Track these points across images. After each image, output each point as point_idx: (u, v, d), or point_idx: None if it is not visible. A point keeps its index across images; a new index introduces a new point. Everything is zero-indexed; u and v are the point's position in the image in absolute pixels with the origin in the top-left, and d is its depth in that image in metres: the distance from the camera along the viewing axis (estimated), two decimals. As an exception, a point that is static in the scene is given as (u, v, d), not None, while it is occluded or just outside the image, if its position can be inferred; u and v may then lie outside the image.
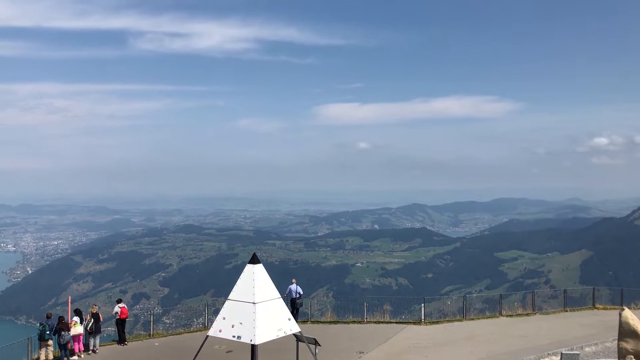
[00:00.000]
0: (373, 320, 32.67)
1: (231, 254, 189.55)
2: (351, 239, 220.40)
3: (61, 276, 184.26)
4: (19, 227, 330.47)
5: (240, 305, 18.29)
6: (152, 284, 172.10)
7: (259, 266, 19.06)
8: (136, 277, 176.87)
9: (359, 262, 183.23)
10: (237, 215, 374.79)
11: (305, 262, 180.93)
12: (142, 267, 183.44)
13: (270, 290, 18.85)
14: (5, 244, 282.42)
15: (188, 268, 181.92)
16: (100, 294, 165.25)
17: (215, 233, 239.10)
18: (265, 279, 18.90)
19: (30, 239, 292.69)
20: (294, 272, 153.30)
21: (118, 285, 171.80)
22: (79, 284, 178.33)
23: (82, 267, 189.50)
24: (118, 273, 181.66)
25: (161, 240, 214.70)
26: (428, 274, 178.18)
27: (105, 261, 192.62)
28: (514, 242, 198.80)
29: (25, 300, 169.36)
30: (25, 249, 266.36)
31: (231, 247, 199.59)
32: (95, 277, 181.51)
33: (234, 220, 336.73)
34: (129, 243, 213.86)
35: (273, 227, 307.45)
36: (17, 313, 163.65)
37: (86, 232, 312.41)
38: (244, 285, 18.67)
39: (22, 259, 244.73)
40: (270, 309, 18.37)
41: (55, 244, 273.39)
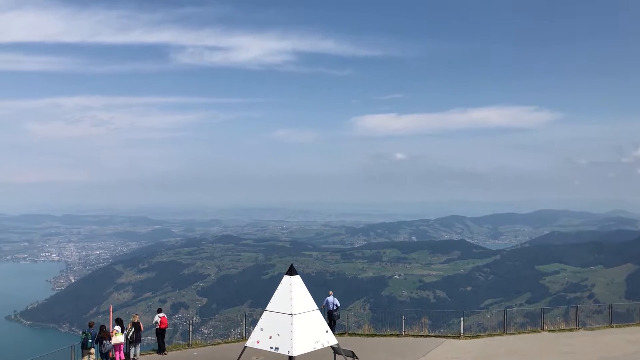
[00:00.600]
0: (411, 334, 32.25)
1: (268, 264, 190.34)
2: (388, 250, 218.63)
3: (103, 285, 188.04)
4: (63, 237, 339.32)
5: (278, 317, 18.32)
6: (190, 293, 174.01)
7: (297, 277, 19.09)
8: (175, 286, 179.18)
9: (396, 275, 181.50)
10: (274, 226, 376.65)
11: (342, 274, 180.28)
12: (181, 277, 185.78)
13: (308, 302, 18.84)
14: (49, 253, 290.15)
15: (226, 278, 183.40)
16: (141, 304, 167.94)
17: (253, 244, 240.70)
18: (303, 290, 18.91)
19: (74, 248, 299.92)
20: (330, 283, 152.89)
21: (158, 294, 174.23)
22: (120, 293, 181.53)
23: (123, 276, 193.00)
24: (158, 283, 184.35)
25: (200, 251, 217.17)
26: (467, 287, 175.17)
27: (145, 271, 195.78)
28: (555, 255, 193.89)
29: (68, 309, 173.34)
30: (68, 258, 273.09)
31: (268, 257, 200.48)
32: (136, 287, 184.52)
33: (270, 231, 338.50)
34: (169, 253, 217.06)
35: (309, 238, 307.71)
36: (60, 321, 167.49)
37: (127, 242, 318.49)
38: (281, 297, 18.72)
39: (66, 268, 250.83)
40: (308, 320, 18.34)
41: (98, 254, 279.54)
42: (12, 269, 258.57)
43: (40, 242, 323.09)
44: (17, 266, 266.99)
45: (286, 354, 17.88)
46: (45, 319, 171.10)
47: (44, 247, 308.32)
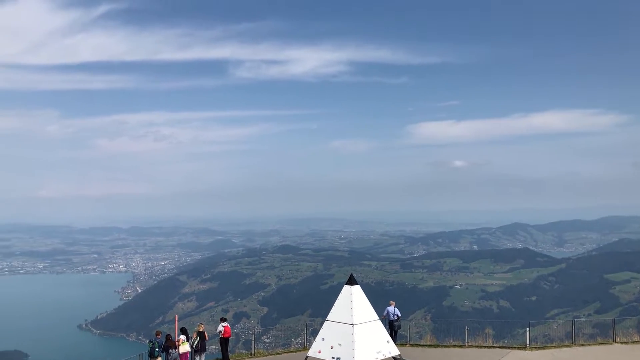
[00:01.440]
0: (475, 345, 31.58)
1: (327, 274, 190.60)
2: (449, 260, 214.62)
3: (168, 295, 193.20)
4: (129, 249, 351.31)
5: (339, 327, 18.38)
6: (252, 303, 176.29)
7: (357, 287, 19.12)
8: (237, 296, 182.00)
9: (457, 284, 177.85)
10: (332, 236, 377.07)
11: (402, 284, 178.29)
12: (242, 287, 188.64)
13: (369, 312, 18.82)
14: (117, 265, 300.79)
15: (286, 288, 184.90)
16: (204, 313, 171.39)
17: (311, 253, 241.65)
18: (363, 300, 18.91)
19: (140, 259, 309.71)
20: (390, 293, 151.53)
21: (220, 304, 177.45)
22: (184, 302, 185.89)
23: (186, 286, 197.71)
24: (220, 292, 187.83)
25: (260, 261, 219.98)
26: (532, 297, 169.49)
27: (208, 281, 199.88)
28: (625, 263, 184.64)
29: (135, 318, 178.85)
30: (135, 269, 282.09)
31: (327, 267, 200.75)
32: (199, 296, 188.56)
33: (329, 241, 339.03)
34: (230, 263, 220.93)
35: (368, 247, 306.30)
36: (128, 330, 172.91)
37: (191, 253, 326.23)
38: (342, 307, 18.77)
39: (133, 278, 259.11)
40: (369, 330, 18.31)
41: (162, 265, 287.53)
42: (83, 279, 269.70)
43: (108, 253, 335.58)
44: (87, 277, 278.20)
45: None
46: (114, 328, 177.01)
47: (112, 258, 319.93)
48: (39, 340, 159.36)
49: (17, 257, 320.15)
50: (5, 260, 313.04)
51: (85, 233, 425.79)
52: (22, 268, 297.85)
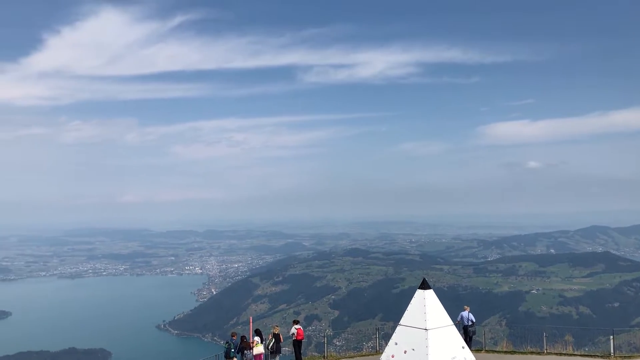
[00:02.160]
0: (554, 352, 30.49)
1: (398, 278, 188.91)
2: (524, 264, 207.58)
3: (241, 297, 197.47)
4: (205, 251, 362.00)
5: (412, 331, 18.28)
6: (323, 306, 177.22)
7: (430, 292, 18.95)
8: (308, 299, 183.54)
9: (534, 289, 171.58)
10: (403, 239, 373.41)
11: (475, 288, 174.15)
12: (313, 290, 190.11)
13: (443, 317, 18.61)
14: (193, 267, 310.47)
15: (356, 291, 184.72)
16: (276, 315, 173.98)
17: (382, 257, 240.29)
18: (437, 305, 18.73)
19: (215, 262, 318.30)
20: (463, 298, 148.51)
21: (292, 306, 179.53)
22: (257, 304, 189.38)
23: (259, 288, 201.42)
24: (292, 295, 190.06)
25: (330, 264, 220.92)
26: (614, 303, 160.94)
27: (280, 283, 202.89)
28: None
29: (210, 319, 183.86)
30: (210, 272, 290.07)
31: (398, 271, 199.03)
32: (271, 298, 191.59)
33: (399, 244, 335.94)
34: (301, 266, 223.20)
35: (439, 251, 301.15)
36: (204, 330, 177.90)
37: (263, 256, 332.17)
38: (415, 311, 18.66)
39: (208, 280, 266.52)
40: (443, 336, 18.11)
41: (236, 267, 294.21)
42: (161, 281, 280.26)
43: (184, 256, 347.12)
44: (165, 279, 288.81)
45: (422, 369, 17.77)
46: (190, 328, 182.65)
47: (188, 261, 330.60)
48: (121, 340, 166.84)
49: (100, 260, 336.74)
50: (90, 262, 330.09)
51: (163, 236, 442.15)
52: (105, 270, 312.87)
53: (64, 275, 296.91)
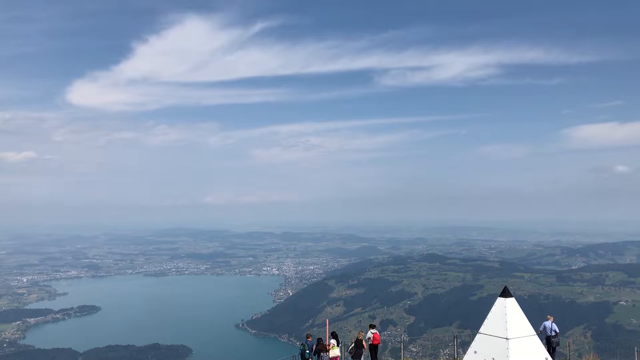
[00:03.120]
0: (645, 368, 28.80)
1: (476, 285, 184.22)
2: (612, 273, 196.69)
3: (317, 299, 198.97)
4: (281, 253, 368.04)
5: (492, 340, 17.87)
6: (398, 311, 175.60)
7: (511, 300, 18.48)
8: (383, 303, 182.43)
9: (622, 300, 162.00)
10: (481, 245, 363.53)
11: (558, 298, 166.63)
12: (388, 294, 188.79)
13: (525, 326, 18.09)
14: (270, 268, 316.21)
15: (433, 297, 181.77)
16: (351, 318, 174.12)
17: (459, 263, 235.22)
18: (519, 313, 18.23)
19: (291, 263, 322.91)
20: (544, 307, 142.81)
21: (367, 310, 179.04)
22: (332, 307, 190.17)
23: (334, 291, 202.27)
24: (367, 299, 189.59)
25: (406, 269, 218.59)
26: None
27: (354, 286, 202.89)
28: None
29: (286, 320, 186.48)
30: (286, 273, 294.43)
31: (476, 278, 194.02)
32: (347, 302, 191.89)
33: (477, 251, 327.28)
34: (376, 270, 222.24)
35: (520, 258, 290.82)
36: (280, 331, 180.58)
37: (338, 259, 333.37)
38: (495, 319, 18.23)
39: (284, 281, 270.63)
40: (525, 346, 17.59)
41: (312, 269, 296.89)
42: (240, 281, 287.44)
43: (262, 257, 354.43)
44: (243, 279, 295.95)
45: (502, 379, 17.33)
46: (267, 328, 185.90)
47: (266, 262, 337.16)
48: (201, 337, 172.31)
49: (183, 259, 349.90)
50: (173, 261, 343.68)
51: (242, 237, 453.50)
52: (187, 269, 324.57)
53: (149, 273, 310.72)
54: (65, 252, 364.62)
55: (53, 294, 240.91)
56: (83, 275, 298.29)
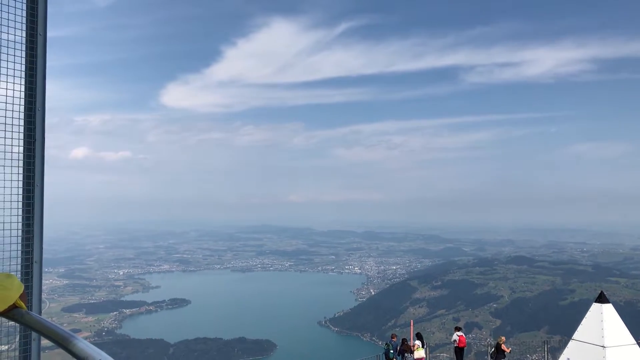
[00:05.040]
0: None
1: (566, 289, 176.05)
2: None
3: (399, 299, 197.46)
4: (363, 252, 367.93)
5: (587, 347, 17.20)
6: (483, 314, 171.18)
7: (608, 306, 17.70)
8: (468, 306, 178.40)
9: None
10: (573, 248, 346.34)
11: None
12: (473, 297, 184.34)
13: (624, 334, 17.27)
14: (352, 267, 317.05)
15: (520, 301, 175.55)
16: (435, 320, 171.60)
17: (548, 266, 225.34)
18: (617, 321, 17.43)
19: (373, 263, 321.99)
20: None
21: (451, 312, 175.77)
22: (415, 308, 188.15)
23: (417, 292, 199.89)
24: (450, 300, 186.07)
25: (492, 271, 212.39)
26: None
27: (438, 288, 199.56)
28: None
29: (369, 319, 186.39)
30: (368, 272, 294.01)
31: (566, 282, 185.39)
32: (430, 303, 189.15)
33: (569, 254, 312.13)
34: (461, 272, 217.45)
35: (616, 262, 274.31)
36: (363, 330, 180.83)
37: (421, 259, 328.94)
38: (590, 326, 17.53)
39: (366, 280, 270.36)
40: (624, 355, 16.78)
41: (394, 269, 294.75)
42: (322, 279, 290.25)
43: (344, 255, 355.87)
44: (326, 276, 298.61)
45: (598, 388, 16.64)
46: (350, 326, 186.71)
47: (348, 260, 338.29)
48: (286, 332, 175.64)
49: (268, 256, 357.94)
50: (258, 257, 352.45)
51: (324, 235, 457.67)
52: (272, 265, 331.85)
53: (236, 269, 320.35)
54: (158, 247, 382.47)
55: (147, 287, 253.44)
56: (174, 270, 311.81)
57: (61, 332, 3.20)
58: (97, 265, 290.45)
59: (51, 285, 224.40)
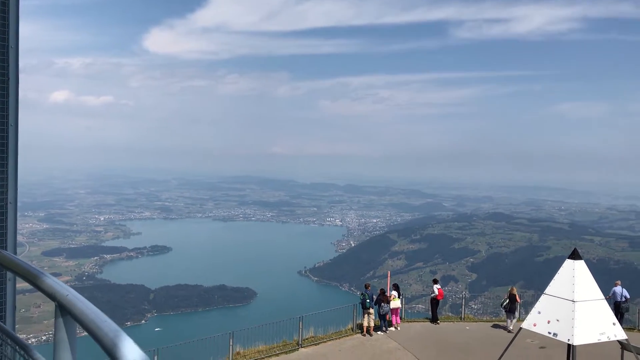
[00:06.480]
0: None
1: (543, 246, 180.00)
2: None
3: (378, 251, 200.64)
4: (345, 205, 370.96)
5: (558, 302, 17.69)
6: (460, 268, 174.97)
7: (580, 262, 18.12)
8: (445, 259, 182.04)
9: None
10: (551, 206, 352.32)
11: (629, 264, 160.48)
12: (451, 251, 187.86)
13: (593, 290, 17.77)
14: (334, 219, 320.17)
15: (496, 256, 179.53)
16: (412, 272, 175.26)
17: (526, 223, 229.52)
18: (587, 277, 17.90)
19: (354, 215, 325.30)
20: (614, 273, 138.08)
21: (428, 265, 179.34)
22: (393, 260, 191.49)
23: (396, 245, 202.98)
24: (428, 254, 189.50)
25: (470, 226, 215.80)
26: None
27: (417, 241, 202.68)
28: None
29: (347, 270, 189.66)
30: (349, 224, 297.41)
31: (543, 239, 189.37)
32: (408, 256, 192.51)
33: (546, 211, 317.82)
34: (440, 226, 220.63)
35: (591, 221, 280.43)
36: (342, 280, 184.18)
37: (401, 213, 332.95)
38: (562, 281, 17.98)
39: (347, 233, 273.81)
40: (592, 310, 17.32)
41: (374, 222, 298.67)
42: (304, 230, 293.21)
43: (326, 208, 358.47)
44: (307, 228, 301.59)
45: (566, 341, 17.23)
46: (329, 277, 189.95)
47: (330, 212, 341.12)
48: (266, 281, 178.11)
49: (250, 206, 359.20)
50: (240, 207, 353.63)
51: (307, 188, 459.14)
52: (254, 215, 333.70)
53: (218, 218, 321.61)
54: (139, 194, 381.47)
55: (127, 233, 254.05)
56: (155, 217, 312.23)
57: (32, 270, 3.28)
58: (77, 210, 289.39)
59: (31, 229, 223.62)
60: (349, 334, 28.44)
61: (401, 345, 26.53)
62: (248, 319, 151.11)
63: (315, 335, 27.75)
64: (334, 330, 28.82)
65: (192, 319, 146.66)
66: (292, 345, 26.33)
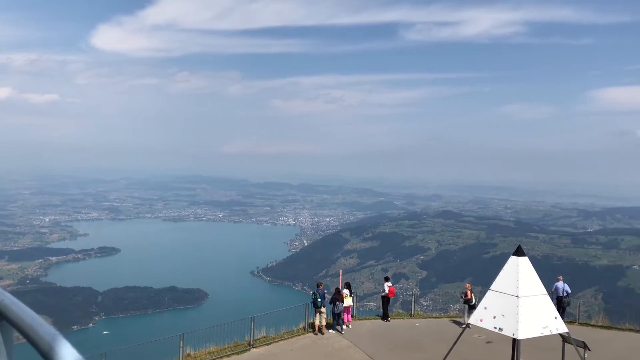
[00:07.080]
0: (654, 331, 29.10)
1: (490, 243, 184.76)
2: (628, 237, 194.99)
3: (331, 250, 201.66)
4: (298, 204, 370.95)
5: (503, 297, 18.15)
6: (411, 265, 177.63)
7: (524, 259, 18.63)
8: (397, 257, 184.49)
9: (636, 265, 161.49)
10: (497, 205, 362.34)
11: (572, 260, 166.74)
12: (402, 249, 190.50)
13: (536, 285, 18.30)
14: (287, 218, 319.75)
15: (445, 253, 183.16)
16: (364, 270, 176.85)
17: (474, 221, 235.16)
18: (531, 273, 18.41)
19: (307, 214, 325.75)
20: (557, 268, 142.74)
21: (380, 263, 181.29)
22: (346, 258, 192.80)
23: (349, 243, 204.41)
24: (380, 252, 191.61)
25: (420, 224, 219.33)
26: None
27: (369, 240, 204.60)
28: None
29: (301, 269, 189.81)
30: (302, 224, 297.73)
31: (490, 236, 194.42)
32: (360, 254, 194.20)
33: (493, 209, 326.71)
34: (391, 224, 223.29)
35: (536, 219, 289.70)
36: (295, 279, 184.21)
37: (354, 212, 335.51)
38: (507, 277, 18.45)
39: (300, 232, 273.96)
40: (536, 304, 17.85)
41: (327, 221, 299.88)
42: (256, 230, 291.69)
43: (279, 207, 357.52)
44: (260, 228, 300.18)
45: (510, 336, 17.70)
46: (282, 276, 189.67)
47: (283, 212, 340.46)
48: (217, 282, 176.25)
49: (201, 206, 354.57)
50: (191, 207, 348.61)
51: (260, 187, 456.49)
52: (205, 215, 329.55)
53: (168, 218, 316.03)
54: (86, 194, 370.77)
55: (74, 235, 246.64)
56: (103, 218, 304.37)
57: None
58: (21, 211, 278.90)
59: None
60: (300, 333, 28.40)
61: (352, 343, 26.69)
62: (199, 321, 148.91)
63: (267, 335, 27.60)
64: (286, 330, 28.74)
65: (141, 321, 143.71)
66: (243, 346, 26.12)
